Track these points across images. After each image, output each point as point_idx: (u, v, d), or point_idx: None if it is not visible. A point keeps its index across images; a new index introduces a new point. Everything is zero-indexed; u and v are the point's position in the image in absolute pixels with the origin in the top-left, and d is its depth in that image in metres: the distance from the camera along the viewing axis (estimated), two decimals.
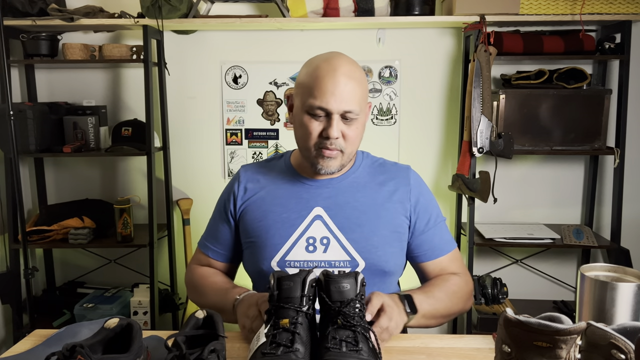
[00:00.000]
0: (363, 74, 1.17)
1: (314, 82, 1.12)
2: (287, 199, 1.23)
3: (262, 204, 1.24)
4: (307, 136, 1.15)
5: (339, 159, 1.16)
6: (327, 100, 1.10)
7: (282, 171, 1.28)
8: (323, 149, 1.14)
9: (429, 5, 2.25)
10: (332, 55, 1.16)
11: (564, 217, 2.56)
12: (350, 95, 1.11)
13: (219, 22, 2.26)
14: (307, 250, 1.19)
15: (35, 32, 2.32)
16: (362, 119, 1.16)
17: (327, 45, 2.44)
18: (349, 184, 1.24)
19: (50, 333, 1.09)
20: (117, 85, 2.54)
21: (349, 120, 1.13)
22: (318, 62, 1.15)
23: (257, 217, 1.23)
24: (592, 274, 0.92)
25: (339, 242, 1.19)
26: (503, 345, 0.72)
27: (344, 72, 1.11)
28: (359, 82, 1.13)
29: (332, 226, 1.19)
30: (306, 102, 1.13)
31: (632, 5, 2.16)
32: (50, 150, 2.31)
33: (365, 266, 1.18)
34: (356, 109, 1.12)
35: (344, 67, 1.12)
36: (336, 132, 1.12)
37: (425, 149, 2.54)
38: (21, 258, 2.28)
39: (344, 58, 1.15)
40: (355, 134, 1.15)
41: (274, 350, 0.85)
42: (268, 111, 2.53)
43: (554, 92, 2.24)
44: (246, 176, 1.29)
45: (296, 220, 1.20)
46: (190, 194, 2.61)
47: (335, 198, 1.22)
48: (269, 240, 1.20)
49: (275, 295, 0.91)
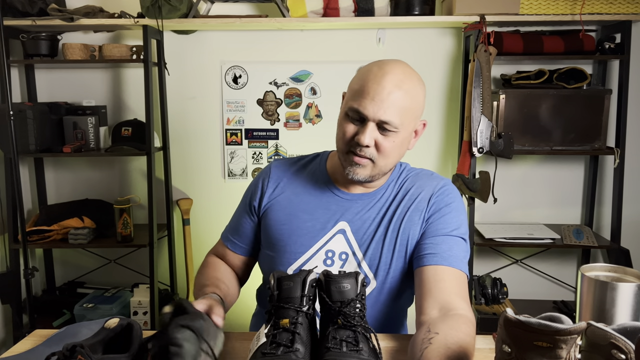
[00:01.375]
0: (418, 87, 1.08)
1: (360, 83, 1.07)
2: (315, 207, 1.18)
3: (288, 207, 1.20)
4: (341, 137, 1.10)
5: (369, 168, 1.10)
6: (365, 105, 1.04)
7: (314, 175, 1.23)
8: (353, 155, 1.09)
9: (429, 5, 2.25)
10: (389, 60, 1.09)
11: (564, 217, 2.56)
12: (392, 105, 1.03)
13: (219, 22, 2.26)
14: (324, 264, 1.15)
15: (35, 32, 2.32)
16: (403, 134, 1.08)
17: (327, 45, 2.45)
18: (379, 201, 1.18)
19: (50, 333, 1.09)
20: (117, 85, 2.54)
21: (387, 131, 1.06)
22: (372, 65, 1.09)
23: (281, 220, 1.19)
24: (592, 274, 0.92)
25: (356, 259, 1.15)
26: (503, 345, 0.72)
27: (391, 80, 1.04)
28: (406, 93, 1.05)
29: (353, 242, 1.16)
30: (348, 103, 1.09)
31: (632, 5, 2.16)
32: (50, 150, 2.31)
33: (376, 286, 1.15)
34: (395, 121, 1.04)
35: (394, 75, 1.04)
36: (367, 140, 1.05)
37: (426, 149, 2.54)
38: (21, 258, 2.29)
39: (400, 66, 1.07)
40: (391, 147, 1.07)
41: (274, 351, 0.85)
42: (268, 111, 2.53)
43: (554, 92, 2.24)
44: (277, 173, 1.25)
45: (320, 231, 1.16)
46: (190, 194, 2.61)
47: (362, 214, 1.16)
48: (289, 247, 1.17)
49: (275, 295, 0.91)
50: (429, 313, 0.99)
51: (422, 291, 1.05)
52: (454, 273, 1.06)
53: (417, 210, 1.15)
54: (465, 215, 1.19)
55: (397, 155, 1.11)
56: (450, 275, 1.06)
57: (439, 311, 0.99)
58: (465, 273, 1.09)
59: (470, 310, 1.02)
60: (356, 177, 1.11)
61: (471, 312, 1.01)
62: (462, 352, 0.86)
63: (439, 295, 1.01)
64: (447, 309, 0.98)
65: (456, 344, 0.87)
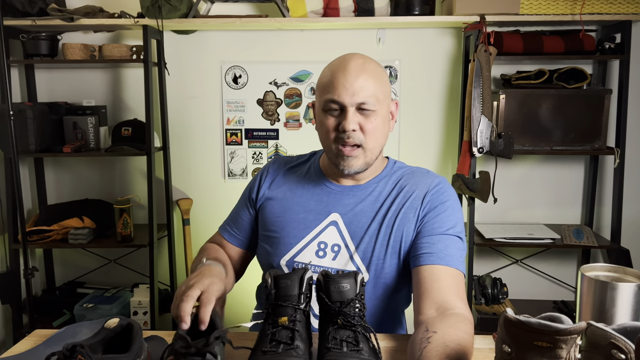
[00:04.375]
0: (380, 68, 1.15)
1: (328, 79, 1.13)
2: (308, 199, 1.22)
3: (283, 200, 1.24)
4: (326, 133, 1.14)
5: (362, 157, 1.14)
6: (339, 93, 1.10)
7: (309, 171, 1.28)
8: (342, 147, 1.12)
9: (429, 5, 2.25)
10: (347, 54, 1.16)
11: (564, 217, 2.56)
12: (363, 86, 1.10)
13: (219, 22, 2.26)
14: (317, 255, 1.17)
15: (35, 32, 2.32)
16: (381, 112, 1.14)
17: (327, 45, 2.44)
18: (372, 194, 1.20)
19: (50, 333, 1.09)
20: (117, 85, 2.54)
21: (366, 112, 1.11)
22: (333, 61, 1.16)
23: (276, 212, 1.23)
24: (592, 274, 0.92)
25: (348, 251, 1.17)
26: (503, 345, 0.72)
27: (355, 66, 1.11)
28: (372, 75, 1.12)
29: (345, 234, 1.18)
30: (322, 98, 1.14)
31: (632, 5, 2.16)
32: (50, 150, 2.31)
33: (369, 280, 1.15)
34: (371, 101, 1.10)
35: (356, 61, 1.12)
36: (352, 124, 1.10)
37: (425, 149, 2.54)
38: (21, 258, 2.29)
39: (358, 54, 1.16)
40: (374, 127, 1.13)
41: (274, 348, 0.85)
42: (268, 111, 2.53)
43: (554, 92, 2.24)
44: (274, 169, 1.30)
45: (312, 222, 1.19)
46: (190, 194, 2.61)
47: (355, 206, 1.19)
48: (283, 238, 1.20)
49: (273, 293, 0.91)
50: (427, 313, 1.00)
51: (419, 291, 1.06)
52: (451, 272, 1.07)
53: (412, 207, 1.16)
54: (461, 213, 1.20)
55: (382, 135, 1.17)
56: (447, 275, 1.06)
57: (436, 310, 0.99)
58: (462, 272, 1.09)
59: (467, 309, 1.02)
60: (352, 170, 1.15)
61: (469, 311, 1.02)
62: (460, 350, 0.86)
63: (436, 295, 1.02)
64: (445, 308, 0.99)
65: (454, 342, 0.87)
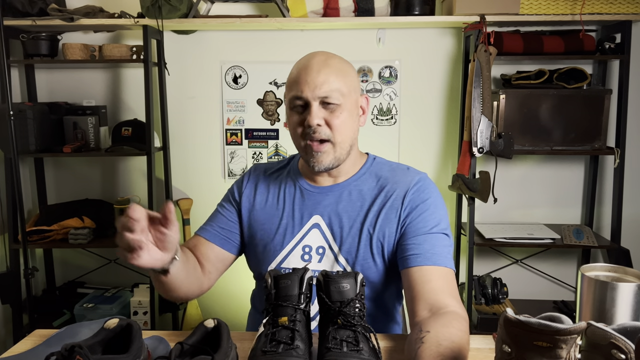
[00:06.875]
0: (344, 63, 1.15)
1: (292, 75, 1.14)
2: (289, 204, 1.21)
3: (266, 207, 1.23)
4: (294, 130, 1.16)
5: (331, 152, 1.13)
6: (302, 88, 1.10)
7: (289, 175, 1.27)
8: (310, 142, 1.12)
9: (429, 5, 2.25)
10: (311, 52, 1.17)
11: (564, 217, 2.56)
12: (325, 80, 1.09)
13: (219, 22, 2.26)
14: (302, 259, 1.17)
15: (35, 32, 2.32)
16: (347, 106, 1.12)
17: (327, 45, 2.44)
18: (352, 192, 1.19)
19: (50, 333, 1.09)
20: (117, 85, 2.54)
21: (331, 106, 1.11)
22: (299, 59, 1.17)
23: (260, 220, 1.23)
24: (592, 274, 0.92)
25: (332, 252, 1.17)
26: (503, 345, 0.72)
27: (317, 62, 1.12)
28: (335, 69, 1.11)
29: (329, 235, 1.17)
30: (288, 98, 1.15)
31: (632, 5, 2.16)
32: (50, 150, 2.31)
33: None
34: (334, 95, 1.10)
35: (318, 57, 1.13)
36: (316, 119, 1.10)
37: (425, 149, 2.54)
38: (21, 258, 2.28)
39: (322, 52, 1.16)
40: (340, 121, 1.12)
41: (274, 348, 0.85)
42: (268, 111, 2.53)
43: (554, 92, 2.24)
44: (255, 175, 1.29)
45: (295, 227, 1.19)
46: (190, 194, 2.61)
47: (335, 206, 1.19)
48: (268, 246, 1.20)
49: (273, 294, 0.91)
50: (420, 314, 1.00)
51: (411, 295, 1.05)
52: (440, 271, 1.07)
53: (393, 208, 1.16)
54: (444, 208, 1.19)
55: (351, 129, 1.15)
56: (437, 274, 1.06)
57: (429, 311, 0.99)
58: (451, 268, 1.09)
59: (460, 306, 1.02)
60: (322, 166, 1.15)
61: (462, 308, 1.02)
62: (455, 347, 0.86)
63: (427, 296, 1.02)
64: (438, 308, 0.99)
65: (448, 339, 0.87)
